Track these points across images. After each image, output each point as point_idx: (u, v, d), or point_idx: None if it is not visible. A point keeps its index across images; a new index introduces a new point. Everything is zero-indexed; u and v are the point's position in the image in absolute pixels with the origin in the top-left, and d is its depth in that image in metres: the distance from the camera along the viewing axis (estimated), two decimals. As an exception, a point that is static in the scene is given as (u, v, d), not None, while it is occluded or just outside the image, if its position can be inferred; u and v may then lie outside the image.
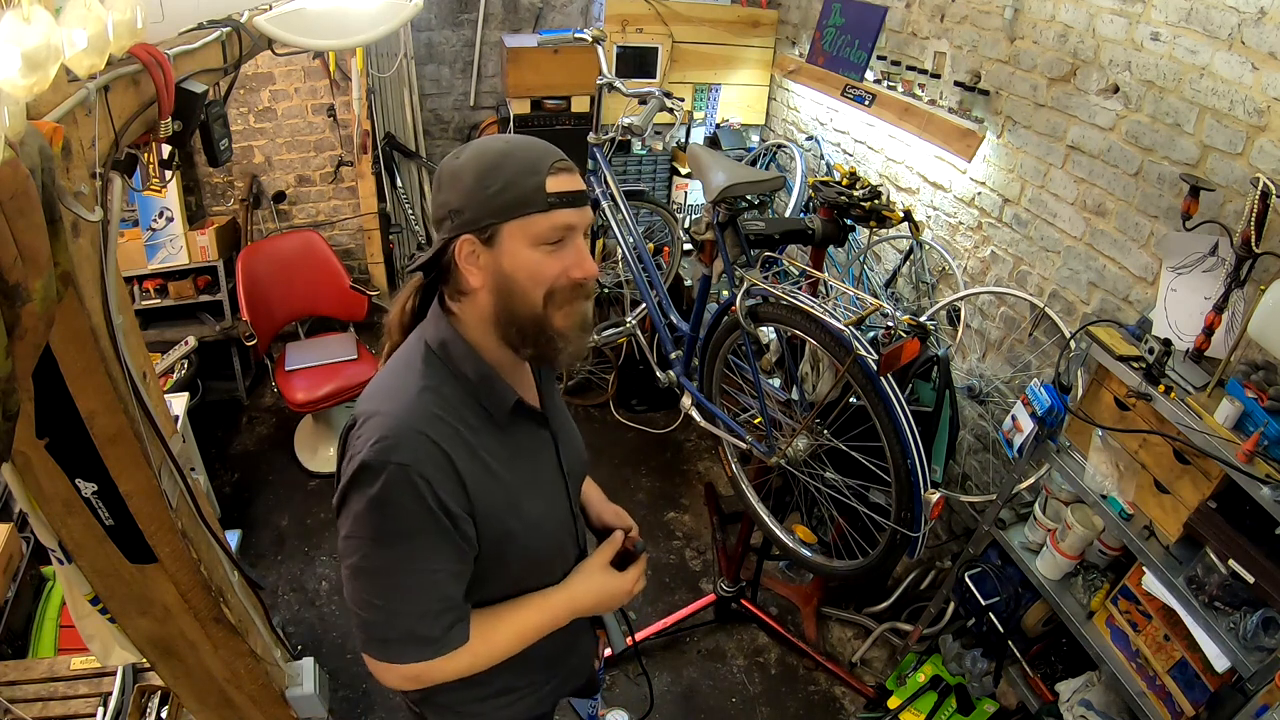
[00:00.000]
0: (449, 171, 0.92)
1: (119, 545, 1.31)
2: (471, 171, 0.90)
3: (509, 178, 0.89)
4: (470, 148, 0.93)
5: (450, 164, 0.93)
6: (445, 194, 0.92)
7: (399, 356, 1.00)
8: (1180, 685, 1.59)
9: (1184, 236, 1.66)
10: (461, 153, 0.93)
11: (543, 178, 0.89)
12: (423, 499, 0.88)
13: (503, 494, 0.97)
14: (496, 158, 0.90)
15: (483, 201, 0.89)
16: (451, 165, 0.92)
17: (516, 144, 0.92)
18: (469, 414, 0.96)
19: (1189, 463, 1.54)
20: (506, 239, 0.90)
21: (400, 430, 0.89)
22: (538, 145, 0.93)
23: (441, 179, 0.93)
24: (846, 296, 2.55)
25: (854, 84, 2.80)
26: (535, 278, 0.91)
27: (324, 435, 3.32)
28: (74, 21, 0.90)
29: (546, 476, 1.09)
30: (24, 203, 0.73)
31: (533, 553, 1.03)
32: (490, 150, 0.91)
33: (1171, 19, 1.75)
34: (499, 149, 0.91)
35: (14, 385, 0.72)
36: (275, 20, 1.69)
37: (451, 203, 0.91)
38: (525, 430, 1.04)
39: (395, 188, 3.60)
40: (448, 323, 0.97)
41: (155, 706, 1.92)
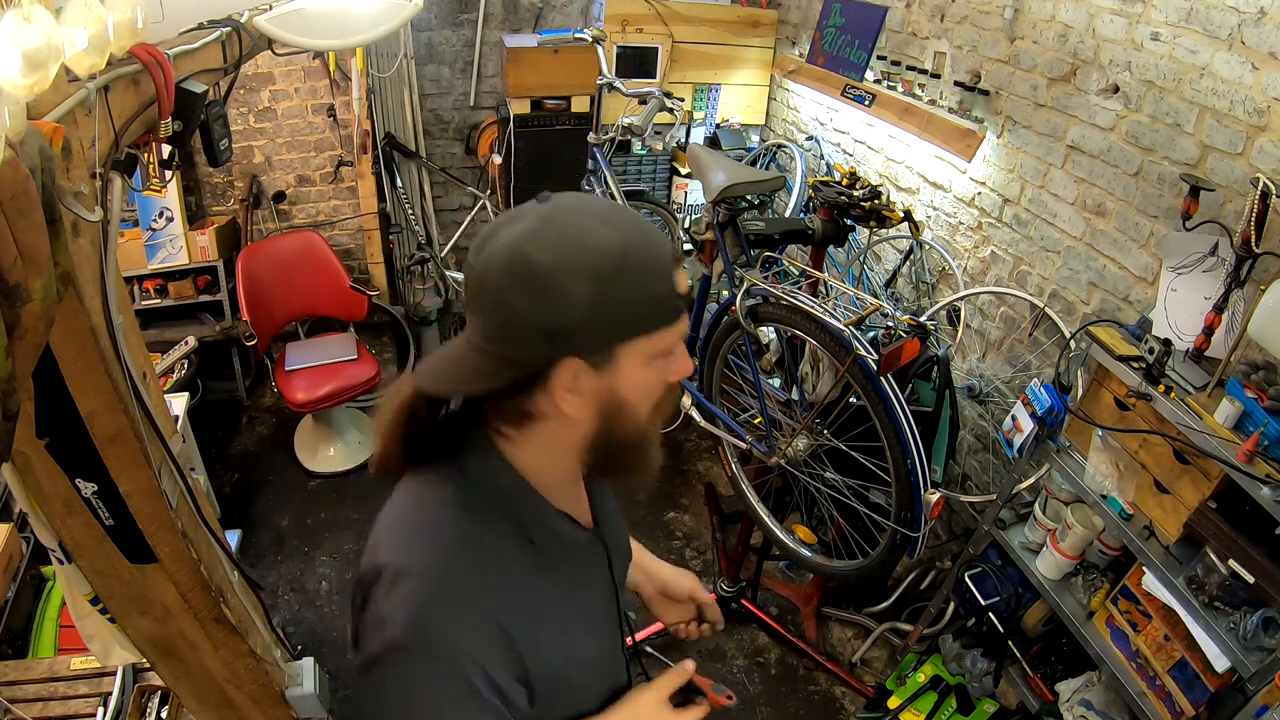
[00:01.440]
0: (539, 273, 0.65)
1: (119, 545, 1.31)
2: (585, 278, 0.65)
3: (638, 285, 0.68)
4: (564, 237, 0.66)
5: (538, 259, 0.65)
6: (532, 305, 0.66)
7: (424, 486, 0.80)
8: (1180, 685, 1.59)
9: (1184, 236, 1.66)
10: (548, 240, 0.66)
11: (673, 280, 0.70)
12: (473, 688, 0.72)
13: (557, 639, 0.81)
14: (617, 258, 0.66)
15: (604, 322, 0.67)
16: (541, 263, 0.65)
17: (631, 233, 0.69)
18: (517, 559, 0.79)
19: (1189, 463, 1.54)
20: (624, 359, 0.70)
21: (443, 603, 0.72)
22: (650, 230, 0.71)
23: (521, 283, 0.66)
24: (846, 296, 2.55)
25: (854, 84, 2.80)
26: (648, 397, 0.75)
27: (324, 435, 3.32)
28: (74, 21, 0.90)
29: (599, 600, 0.92)
30: (24, 203, 0.72)
31: (586, 685, 0.89)
32: (603, 247, 0.66)
33: (1171, 19, 1.75)
34: (615, 246, 0.67)
35: (14, 385, 0.72)
36: (275, 20, 1.69)
37: (548, 320, 0.66)
38: (577, 554, 0.87)
39: (395, 188, 3.60)
40: (495, 451, 0.78)
41: (155, 706, 1.92)
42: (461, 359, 0.72)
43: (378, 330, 3.86)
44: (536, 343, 0.67)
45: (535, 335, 0.67)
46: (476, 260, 0.69)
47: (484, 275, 0.68)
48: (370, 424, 0.84)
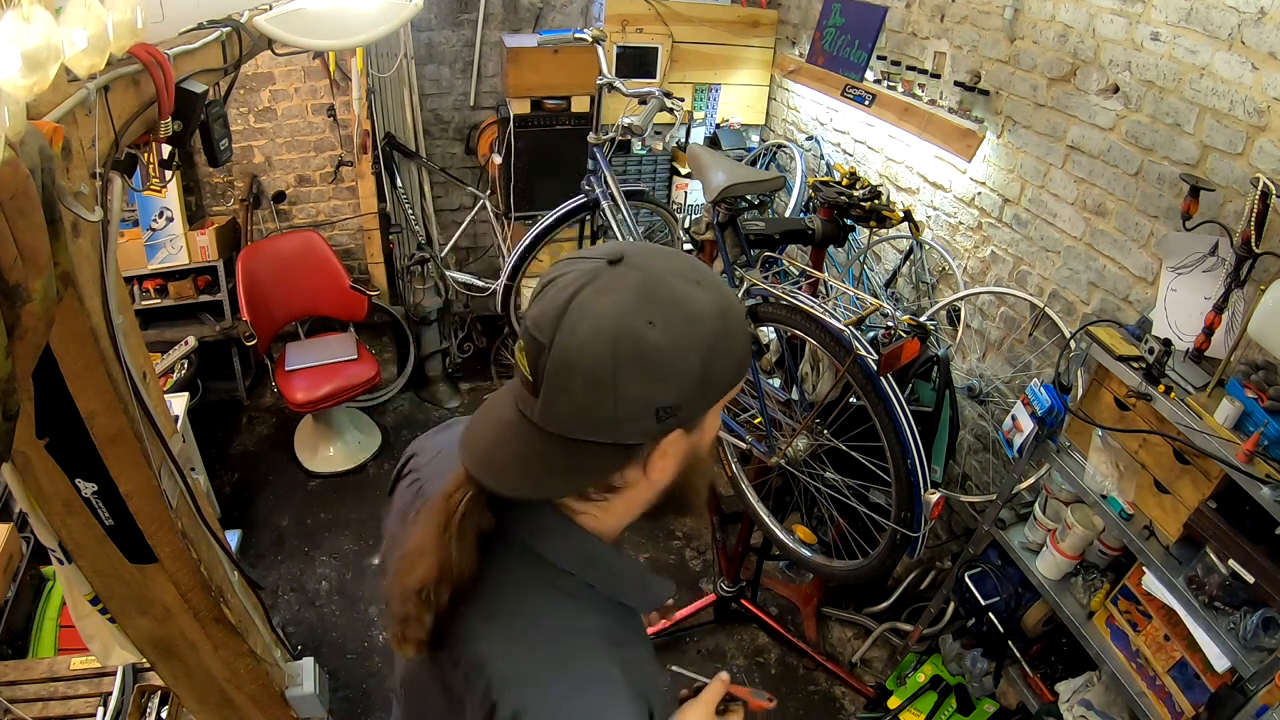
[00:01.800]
0: (655, 354, 0.60)
1: (119, 545, 1.31)
2: (699, 352, 0.61)
3: (737, 345, 0.65)
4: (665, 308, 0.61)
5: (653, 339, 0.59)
6: (647, 388, 0.60)
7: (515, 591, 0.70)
8: (1180, 685, 1.59)
9: (1184, 236, 1.66)
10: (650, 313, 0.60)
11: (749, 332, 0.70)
12: None
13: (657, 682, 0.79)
14: (720, 324, 0.63)
15: (712, 390, 0.65)
16: (657, 344, 0.60)
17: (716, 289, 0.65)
18: (625, 632, 0.74)
19: (1189, 463, 1.54)
20: (711, 417, 0.68)
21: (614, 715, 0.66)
22: (724, 284, 0.68)
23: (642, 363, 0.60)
24: (846, 296, 2.55)
25: (854, 84, 2.80)
26: (715, 435, 0.73)
27: (324, 435, 3.32)
28: (74, 21, 0.90)
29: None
30: (24, 203, 0.73)
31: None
32: (707, 314, 0.62)
33: (1171, 19, 1.75)
34: (716, 310, 0.63)
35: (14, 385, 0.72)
36: (275, 20, 1.69)
37: (663, 398, 0.61)
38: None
39: (395, 188, 3.59)
40: (576, 528, 0.71)
41: (155, 706, 1.92)
42: (538, 451, 0.64)
43: (378, 330, 3.86)
44: (648, 425, 0.62)
45: (648, 418, 0.61)
46: (559, 336, 0.60)
47: (575, 358, 0.59)
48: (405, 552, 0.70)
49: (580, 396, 0.60)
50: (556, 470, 0.64)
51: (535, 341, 0.61)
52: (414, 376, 3.84)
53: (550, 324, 0.61)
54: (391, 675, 0.93)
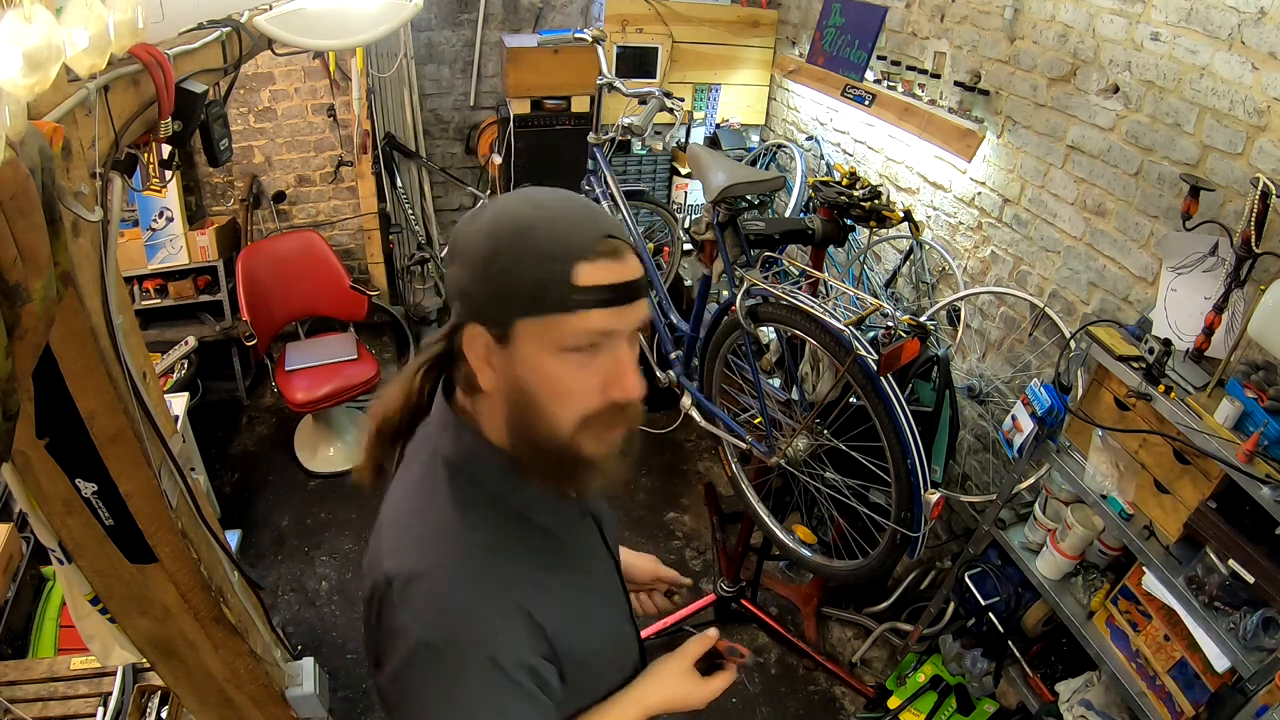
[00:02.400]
0: (461, 237, 0.73)
1: (119, 545, 1.31)
2: (482, 244, 0.70)
3: (524, 260, 0.68)
4: (492, 207, 0.73)
5: (465, 227, 0.73)
6: (455, 265, 0.73)
7: (414, 482, 0.80)
8: (1180, 685, 1.59)
9: (1184, 236, 1.66)
10: (482, 212, 0.73)
11: (569, 265, 0.68)
12: (506, 676, 0.71)
13: (576, 613, 0.81)
14: (513, 231, 0.69)
15: (490, 287, 0.70)
16: (465, 230, 0.73)
17: (547, 210, 0.71)
18: (522, 538, 0.78)
19: (1189, 463, 1.54)
20: (521, 340, 0.70)
21: (457, 592, 0.71)
22: (576, 214, 0.72)
23: (454, 244, 0.74)
24: (846, 296, 2.55)
25: (854, 84, 2.80)
26: (559, 396, 0.72)
27: (324, 435, 3.32)
28: (75, 21, 0.90)
29: (602, 569, 0.93)
30: (24, 203, 0.72)
31: (610, 658, 0.90)
32: (509, 217, 0.70)
33: (1171, 19, 1.75)
34: (521, 217, 0.70)
35: (14, 385, 0.72)
36: (275, 20, 1.69)
37: (460, 279, 0.72)
38: (577, 528, 0.88)
39: (395, 188, 3.60)
40: (463, 428, 0.78)
41: (155, 706, 1.92)
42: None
43: (378, 330, 3.86)
44: (457, 305, 0.73)
45: (455, 298, 0.73)
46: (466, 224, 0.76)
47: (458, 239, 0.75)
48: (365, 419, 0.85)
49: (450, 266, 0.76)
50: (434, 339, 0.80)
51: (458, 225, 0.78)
52: (414, 376, 3.84)
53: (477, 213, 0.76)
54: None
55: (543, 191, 0.75)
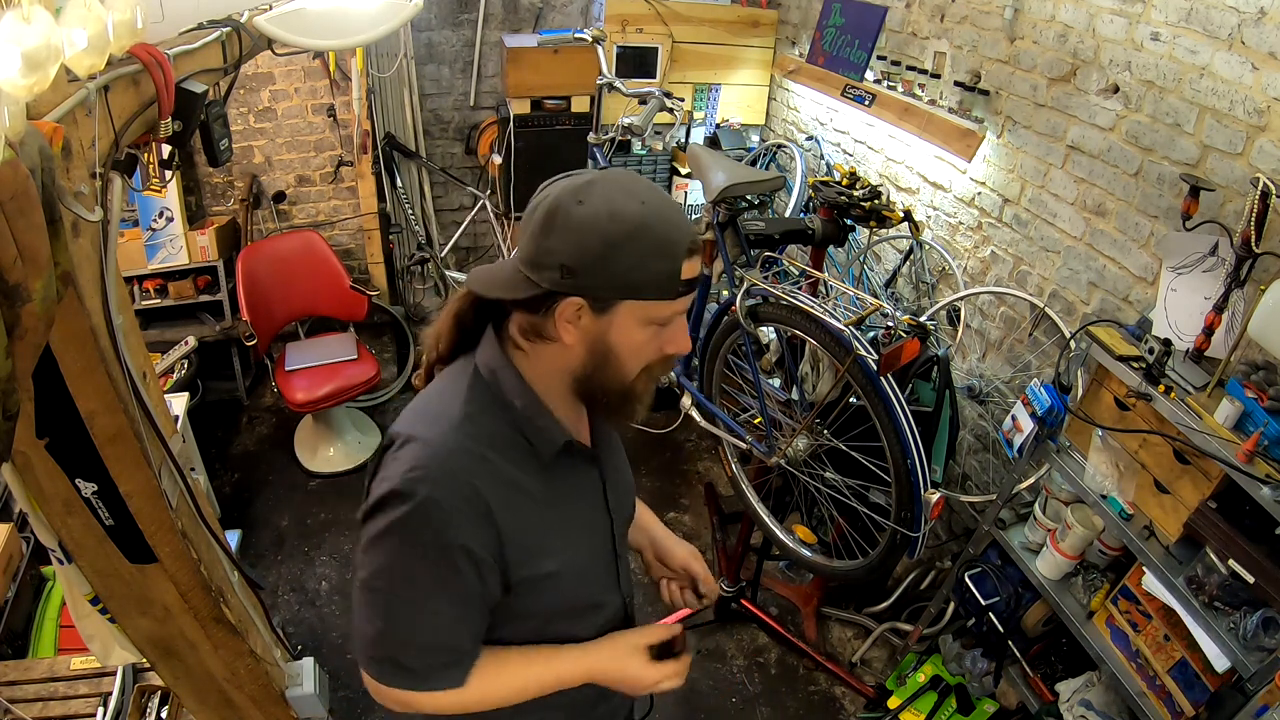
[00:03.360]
0: (570, 220, 0.80)
1: (119, 545, 1.31)
2: (599, 237, 0.79)
3: (643, 257, 0.81)
4: (599, 198, 0.80)
5: (573, 210, 0.80)
6: (558, 243, 0.80)
7: (446, 378, 0.94)
8: (1180, 685, 1.59)
9: (1184, 236, 1.66)
10: (587, 197, 0.81)
11: (677, 264, 0.82)
12: (442, 536, 0.84)
13: (538, 535, 0.92)
14: (632, 229, 0.79)
15: (608, 275, 0.81)
16: (575, 213, 0.80)
17: (654, 213, 0.81)
18: (511, 449, 0.90)
19: (1189, 463, 1.54)
20: (621, 314, 0.84)
21: (435, 461, 0.85)
22: (674, 217, 0.84)
23: (556, 223, 0.80)
24: (846, 296, 2.55)
25: (854, 84, 2.80)
26: (637, 355, 0.88)
27: (324, 435, 3.32)
28: (74, 21, 0.90)
29: (589, 518, 1.02)
30: (24, 203, 0.73)
31: (566, 597, 0.98)
32: (625, 217, 0.79)
33: (1171, 19, 1.75)
34: (636, 218, 0.80)
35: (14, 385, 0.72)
36: (275, 20, 1.69)
37: (566, 258, 0.80)
38: (571, 468, 0.97)
39: (395, 188, 3.60)
40: (504, 354, 0.91)
41: (155, 706, 1.92)
42: (502, 271, 0.87)
43: (378, 330, 3.86)
44: (555, 274, 0.81)
45: (556, 268, 0.81)
46: (536, 198, 0.85)
47: (533, 211, 0.83)
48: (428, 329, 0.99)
49: (528, 239, 0.84)
50: (500, 283, 0.87)
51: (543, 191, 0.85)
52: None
53: (538, 192, 0.85)
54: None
55: (641, 184, 0.85)
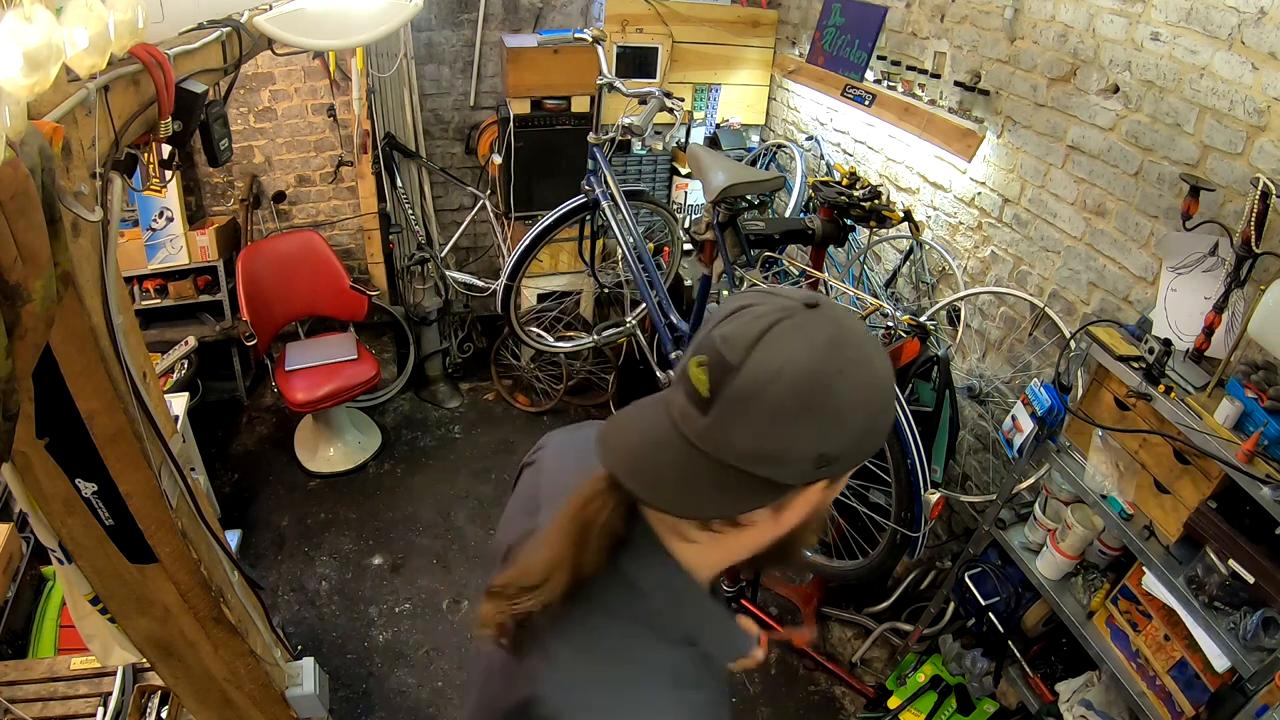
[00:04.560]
0: (832, 400, 0.60)
1: (119, 545, 1.31)
2: (866, 415, 0.62)
3: (891, 418, 0.68)
4: (854, 364, 0.61)
5: (835, 385, 0.60)
6: (818, 432, 0.60)
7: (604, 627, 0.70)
8: (1180, 685, 1.59)
9: (1184, 236, 1.66)
10: (844, 364, 0.60)
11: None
12: None
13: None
14: (889, 392, 0.65)
15: (865, 448, 0.65)
16: (838, 389, 0.60)
17: (886, 359, 0.67)
18: (703, 673, 0.73)
19: (1189, 463, 1.54)
20: (840, 481, 0.70)
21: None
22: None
23: (814, 405, 0.59)
24: (846, 296, 2.55)
25: (854, 84, 2.80)
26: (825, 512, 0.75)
27: (324, 435, 3.32)
28: (75, 21, 0.90)
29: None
30: (24, 203, 0.73)
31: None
32: (883, 381, 0.64)
33: (1171, 19, 1.75)
34: (888, 378, 0.64)
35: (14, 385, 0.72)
36: (275, 20, 1.69)
37: (828, 446, 0.61)
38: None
39: (395, 188, 3.59)
40: (670, 558, 0.70)
41: (155, 706, 1.92)
42: (690, 471, 0.62)
43: (378, 330, 3.86)
44: (807, 470, 0.61)
45: (809, 462, 0.61)
46: (751, 363, 0.60)
47: (764, 389, 0.59)
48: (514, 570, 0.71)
49: (757, 427, 0.59)
50: (704, 492, 0.62)
51: (723, 361, 0.60)
52: (414, 376, 3.84)
53: (743, 348, 0.60)
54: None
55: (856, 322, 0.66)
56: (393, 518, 3.09)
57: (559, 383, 3.70)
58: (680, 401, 0.64)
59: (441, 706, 2.39)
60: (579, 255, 3.11)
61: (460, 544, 2.98)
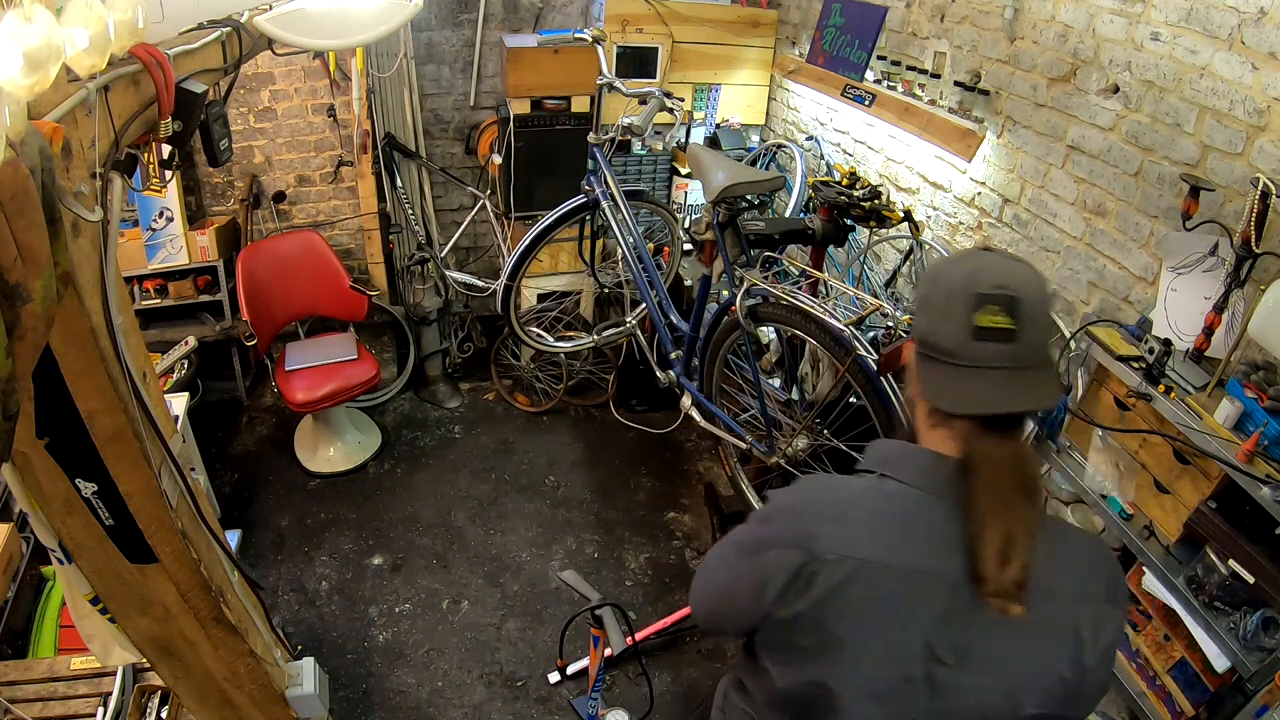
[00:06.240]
0: (1048, 291, 0.89)
1: (119, 545, 1.31)
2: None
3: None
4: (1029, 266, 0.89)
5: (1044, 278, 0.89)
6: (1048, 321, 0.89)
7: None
8: (1180, 685, 1.59)
9: (1184, 236, 1.66)
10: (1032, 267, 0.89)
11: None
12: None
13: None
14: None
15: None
16: (1047, 282, 0.90)
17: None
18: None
19: (1189, 463, 1.54)
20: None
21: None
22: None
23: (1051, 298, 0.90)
24: (846, 296, 2.55)
25: (854, 84, 2.80)
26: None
27: (324, 435, 3.32)
28: (75, 21, 0.90)
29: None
30: (24, 203, 0.73)
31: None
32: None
33: (1171, 19, 1.75)
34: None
35: (14, 385, 0.72)
36: (275, 20, 1.69)
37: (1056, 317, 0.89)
38: None
39: (395, 188, 3.59)
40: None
41: (155, 706, 1.92)
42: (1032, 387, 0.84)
43: (378, 330, 3.86)
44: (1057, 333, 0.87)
45: (1056, 329, 0.85)
46: (1019, 291, 0.82)
47: (1038, 301, 0.84)
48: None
49: (1046, 324, 0.86)
50: (1052, 389, 0.87)
51: (1009, 297, 0.82)
52: (414, 376, 3.84)
53: (1006, 282, 0.83)
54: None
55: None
56: (393, 518, 3.09)
57: (559, 383, 3.70)
58: (990, 353, 0.83)
59: (441, 706, 2.39)
60: (579, 255, 3.11)
61: (460, 544, 2.98)
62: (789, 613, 0.87)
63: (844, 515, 0.88)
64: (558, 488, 3.25)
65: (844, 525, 0.87)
